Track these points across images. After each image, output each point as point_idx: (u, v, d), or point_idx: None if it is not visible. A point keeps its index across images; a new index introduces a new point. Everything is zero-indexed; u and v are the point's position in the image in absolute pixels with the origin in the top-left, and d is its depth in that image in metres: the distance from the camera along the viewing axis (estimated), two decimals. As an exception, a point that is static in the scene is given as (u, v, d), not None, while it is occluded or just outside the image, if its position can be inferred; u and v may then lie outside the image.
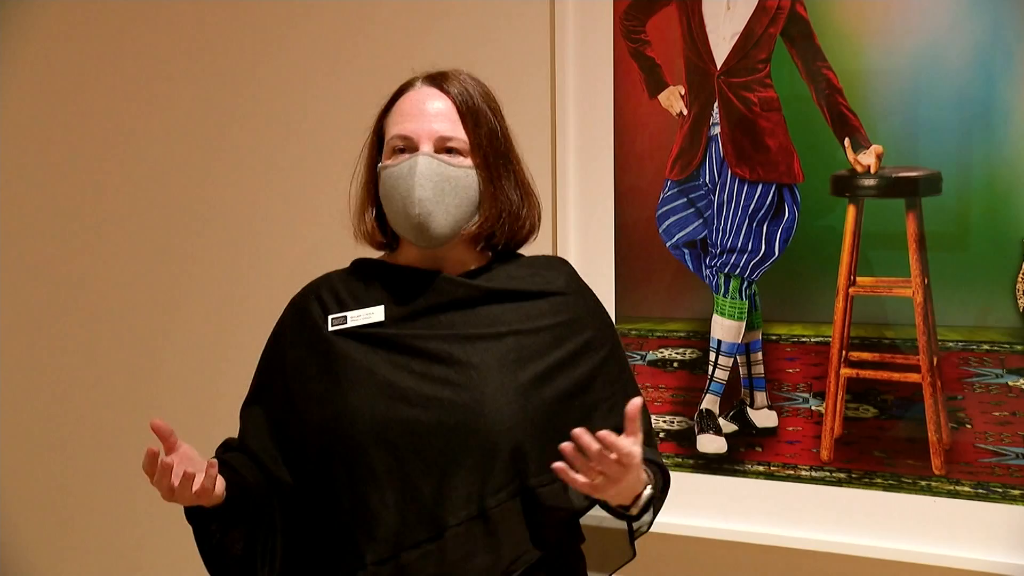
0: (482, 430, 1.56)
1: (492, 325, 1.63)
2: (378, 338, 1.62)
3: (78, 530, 2.81)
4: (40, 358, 2.83)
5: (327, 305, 1.67)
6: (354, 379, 1.60)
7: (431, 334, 1.61)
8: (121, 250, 2.71)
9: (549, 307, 1.67)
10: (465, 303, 1.64)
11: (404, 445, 1.55)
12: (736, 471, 2.08)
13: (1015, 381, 1.88)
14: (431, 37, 2.31)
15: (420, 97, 1.66)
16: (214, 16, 2.55)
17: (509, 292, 1.66)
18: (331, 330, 1.64)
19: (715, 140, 2.06)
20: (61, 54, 2.73)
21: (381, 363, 1.60)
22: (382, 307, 1.64)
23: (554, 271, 1.73)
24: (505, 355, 1.61)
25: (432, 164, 1.60)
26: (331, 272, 1.75)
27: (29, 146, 2.79)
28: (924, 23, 1.90)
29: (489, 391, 1.57)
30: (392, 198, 1.62)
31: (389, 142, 1.64)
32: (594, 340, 1.69)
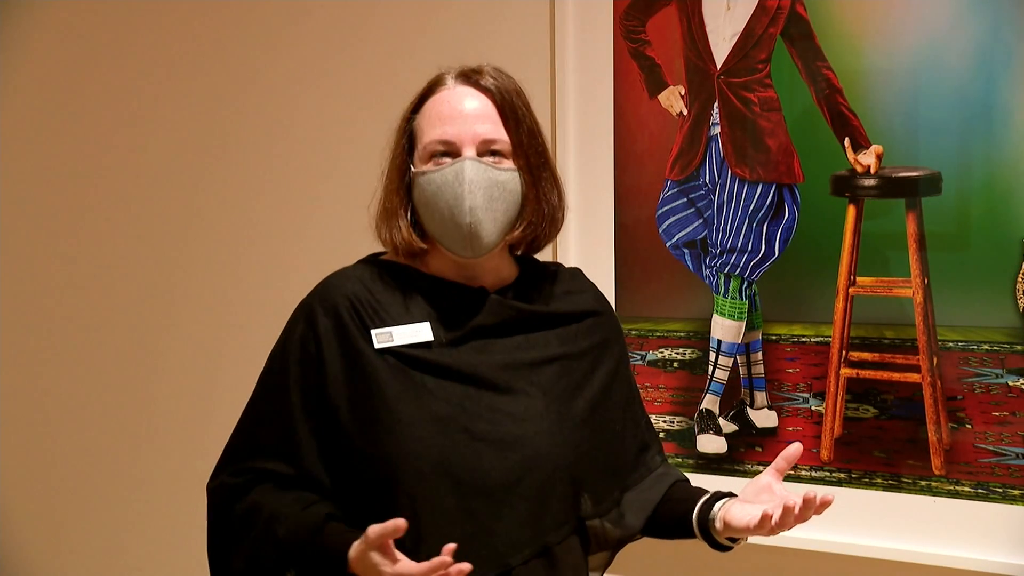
0: (545, 465, 1.50)
1: (538, 350, 1.57)
2: (429, 363, 1.51)
3: (78, 530, 2.81)
4: (40, 358, 2.83)
5: (363, 315, 1.52)
6: (409, 409, 1.48)
7: (485, 361, 1.53)
8: (121, 250, 2.71)
9: (585, 329, 1.62)
10: (510, 327, 1.56)
11: (467, 481, 1.46)
12: (736, 471, 2.08)
13: (1015, 381, 1.88)
14: (431, 37, 2.31)
15: (457, 97, 1.55)
16: (214, 16, 2.55)
17: (551, 316, 1.60)
18: (378, 347, 1.50)
19: (715, 140, 2.06)
20: (61, 54, 2.73)
21: (437, 391, 1.49)
22: (428, 324, 1.53)
23: (581, 285, 1.69)
24: (556, 383, 1.56)
25: (480, 169, 1.50)
26: (348, 270, 1.60)
27: (29, 146, 2.79)
28: (924, 23, 1.90)
29: (547, 424, 1.52)
30: (436, 206, 1.51)
31: (427, 147, 1.53)
32: (622, 360, 1.68)
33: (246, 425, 1.58)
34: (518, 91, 1.59)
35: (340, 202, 2.34)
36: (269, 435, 1.53)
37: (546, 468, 1.50)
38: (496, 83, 1.57)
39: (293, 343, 1.55)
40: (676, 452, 2.12)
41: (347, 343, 1.51)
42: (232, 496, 1.52)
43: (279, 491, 1.50)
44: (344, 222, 2.35)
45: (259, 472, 1.51)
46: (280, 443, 1.51)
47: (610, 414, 1.60)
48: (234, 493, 1.52)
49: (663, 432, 2.13)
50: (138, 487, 2.70)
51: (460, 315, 1.54)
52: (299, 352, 1.53)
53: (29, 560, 2.87)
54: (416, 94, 1.60)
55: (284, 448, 1.51)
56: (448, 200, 1.50)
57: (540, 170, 1.57)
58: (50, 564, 2.85)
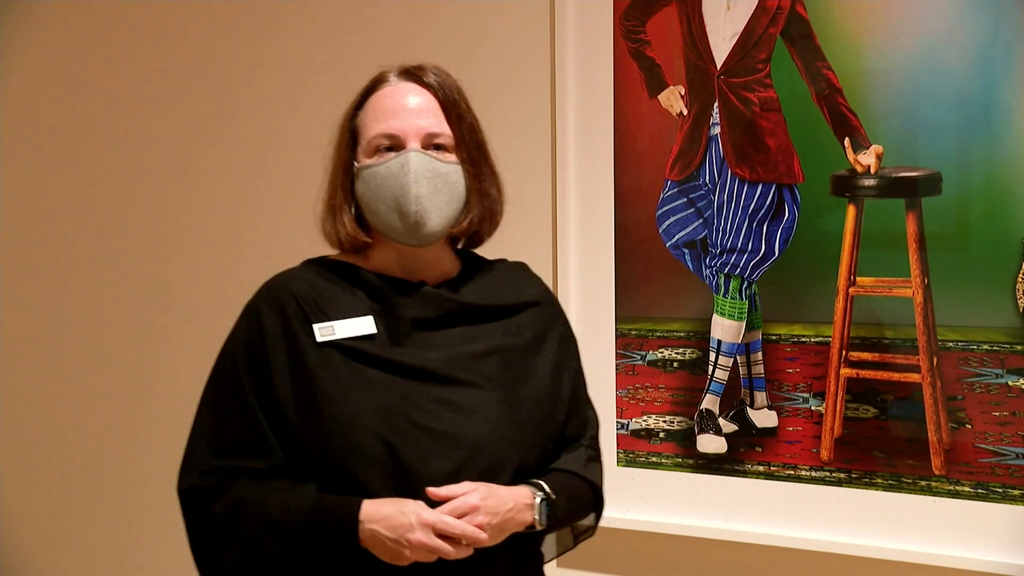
0: (488, 455, 1.53)
1: (480, 342, 1.60)
2: (370, 356, 1.54)
3: (78, 530, 2.81)
4: (40, 358, 2.83)
5: (307, 311, 1.55)
6: (355, 400, 1.51)
7: (427, 353, 1.55)
8: (121, 250, 2.71)
9: (527, 320, 1.65)
10: (452, 319, 1.59)
11: (413, 470, 1.49)
12: (736, 471, 2.08)
13: (1015, 381, 1.88)
14: (431, 37, 2.31)
15: (400, 92, 1.59)
16: (214, 16, 2.55)
17: (493, 308, 1.63)
18: (320, 340, 1.53)
19: (715, 140, 2.06)
20: (61, 54, 2.73)
21: (381, 383, 1.52)
22: (371, 318, 1.56)
23: (524, 277, 1.72)
24: (499, 374, 1.58)
25: (425, 160, 1.55)
26: (292, 270, 1.64)
27: (29, 146, 2.79)
28: (924, 23, 1.90)
29: (493, 414, 1.55)
30: (381, 197, 1.55)
31: (371, 141, 1.56)
32: (566, 349, 1.70)
33: (206, 425, 1.58)
34: (459, 88, 1.63)
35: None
36: (233, 433, 1.54)
37: (490, 458, 1.53)
38: (438, 79, 1.61)
39: (240, 342, 1.58)
40: (676, 452, 2.13)
41: (291, 339, 1.54)
42: (210, 497, 1.53)
43: (258, 484, 1.52)
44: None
45: (232, 470, 1.53)
46: (247, 439, 1.53)
47: (554, 404, 1.63)
48: (211, 494, 1.53)
49: (663, 432, 2.13)
50: (138, 487, 2.70)
51: (403, 309, 1.57)
52: (247, 350, 1.56)
53: (29, 560, 2.87)
54: (358, 92, 1.63)
55: (252, 443, 1.53)
56: (394, 190, 1.54)
57: (481, 164, 1.62)
58: (50, 564, 2.85)
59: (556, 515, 1.57)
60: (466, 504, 1.47)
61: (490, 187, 1.65)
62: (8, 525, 2.89)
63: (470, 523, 1.46)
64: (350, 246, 1.61)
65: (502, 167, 2.26)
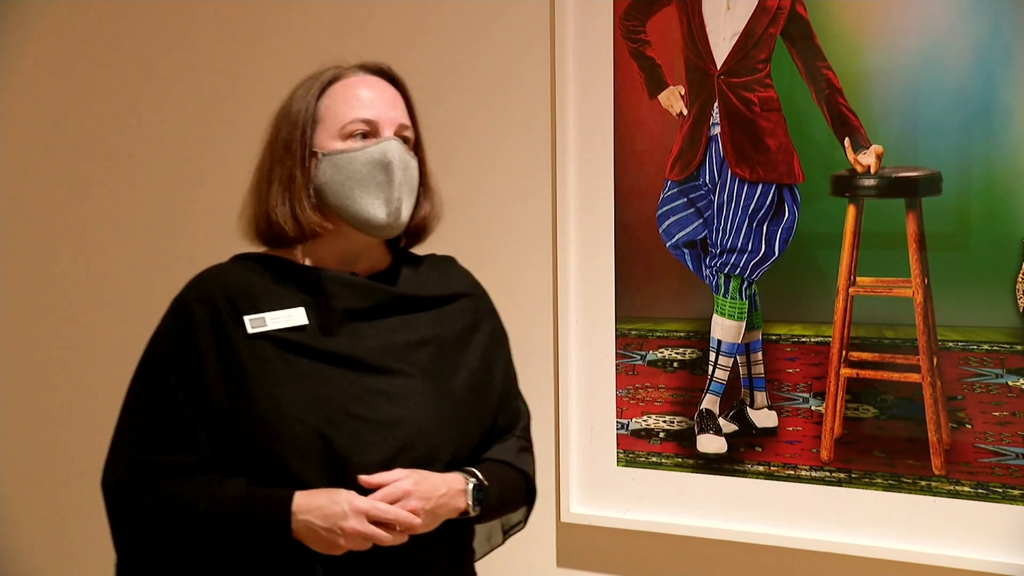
0: (423, 444, 1.53)
1: (412, 332, 1.60)
2: (303, 346, 1.53)
3: (78, 530, 2.81)
4: (40, 358, 2.83)
5: (237, 304, 1.54)
6: (286, 391, 1.50)
7: (360, 343, 1.55)
8: (122, 250, 2.71)
9: (457, 311, 1.67)
10: (384, 310, 1.60)
11: (348, 460, 1.49)
12: (736, 471, 2.08)
13: (1015, 381, 1.88)
14: (431, 37, 2.31)
15: (372, 82, 1.60)
16: (214, 15, 2.55)
17: (424, 299, 1.64)
18: (251, 332, 1.52)
19: (715, 140, 2.06)
20: (61, 54, 2.73)
21: (313, 374, 1.51)
22: (302, 309, 1.55)
23: (453, 271, 1.74)
24: (432, 363, 1.59)
25: (402, 150, 1.56)
26: (220, 265, 1.62)
27: (29, 146, 2.79)
28: (924, 23, 1.90)
29: (427, 403, 1.55)
30: (360, 183, 1.54)
31: (346, 126, 1.55)
32: (496, 340, 1.72)
33: (131, 421, 1.56)
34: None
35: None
36: (160, 428, 1.52)
37: (425, 446, 1.53)
38: (399, 77, 1.64)
39: (168, 336, 1.56)
40: (676, 452, 2.13)
41: (222, 332, 1.53)
42: (137, 492, 1.52)
43: (186, 479, 1.50)
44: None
45: (159, 465, 1.51)
46: (174, 433, 1.51)
47: (486, 394, 1.64)
48: (138, 489, 1.52)
49: (663, 432, 2.13)
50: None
51: (335, 300, 1.57)
52: (174, 345, 1.54)
53: (29, 560, 2.87)
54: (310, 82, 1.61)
55: (179, 438, 1.51)
56: (377, 177, 1.54)
57: (426, 164, 1.65)
58: (50, 564, 2.85)
59: (489, 502, 1.58)
60: (398, 489, 1.47)
61: (433, 187, 1.67)
62: (8, 525, 2.89)
63: (403, 508, 1.46)
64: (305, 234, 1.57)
65: (502, 167, 2.27)
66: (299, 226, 1.56)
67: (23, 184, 2.81)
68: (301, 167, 1.56)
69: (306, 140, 1.57)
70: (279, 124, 1.60)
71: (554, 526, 2.24)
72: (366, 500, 1.45)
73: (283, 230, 1.56)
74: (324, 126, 1.57)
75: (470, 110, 2.28)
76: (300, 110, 1.58)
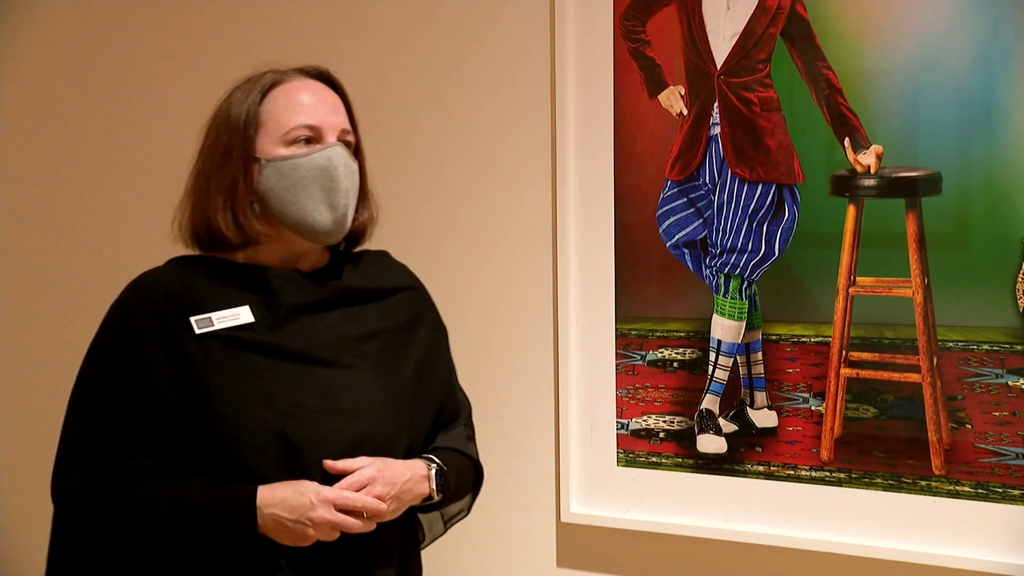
0: (378, 433, 1.54)
1: (359, 325, 1.60)
2: (255, 343, 1.52)
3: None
4: (40, 358, 2.83)
5: (180, 305, 1.53)
6: (237, 389, 1.49)
7: (307, 338, 1.55)
8: (122, 249, 2.71)
9: (400, 303, 1.68)
10: (330, 304, 1.60)
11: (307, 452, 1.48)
12: (736, 471, 2.08)
13: (1015, 381, 1.88)
14: (431, 37, 2.31)
15: (314, 87, 1.59)
16: (214, 15, 2.55)
17: (368, 291, 1.64)
18: (199, 332, 1.50)
19: (715, 140, 2.06)
20: (61, 54, 2.73)
21: (263, 370, 1.50)
22: (248, 308, 1.54)
23: (391, 265, 1.74)
24: (381, 355, 1.60)
25: (346, 156, 1.57)
26: (159, 268, 1.62)
27: (29, 146, 2.79)
28: (924, 23, 1.90)
29: (378, 394, 1.56)
30: (305, 190, 1.53)
31: (289, 132, 1.54)
32: (437, 331, 1.73)
33: (79, 429, 1.53)
34: None
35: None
36: (111, 434, 1.50)
37: (383, 436, 1.54)
38: (339, 82, 1.63)
39: (110, 342, 1.54)
40: (676, 452, 2.13)
41: (168, 334, 1.51)
42: (92, 500, 1.49)
43: (143, 483, 1.48)
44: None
45: (114, 471, 1.49)
46: (126, 439, 1.49)
47: (432, 385, 1.65)
48: (93, 497, 1.49)
49: (663, 432, 2.13)
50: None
51: (281, 296, 1.56)
52: (119, 349, 1.52)
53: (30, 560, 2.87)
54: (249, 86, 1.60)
55: (131, 443, 1.49)
56: (323, 183, 1.53)
57: (366, 169, 1.65)
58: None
59: (449, 487, 1.59)
60: (364, 476, 1.47)
61: (372, 190, 1.68)
62: (8, 525, 2.89)
63: (369, 495, 1.46)
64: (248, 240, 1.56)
65: (502, 167, 2.27)
66: (242, 233, 1.55)
67: (23, 184, 2.81)
68: (243, 173, 1.55)
69: (248, 146, 1.55)
70: (218, 128, 1.58)
71: (554, 526, 2.24)
72: (332, 489, 1.45)
73: (225, 236, 1.56)
74: (266, 132, 1.55)
75: (470, 110, 2.28)
76: (240, 114, 1.56)
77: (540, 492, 2.25)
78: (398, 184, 2.35)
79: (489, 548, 2.32)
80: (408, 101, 2.34)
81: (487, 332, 2.29)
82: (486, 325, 2.29)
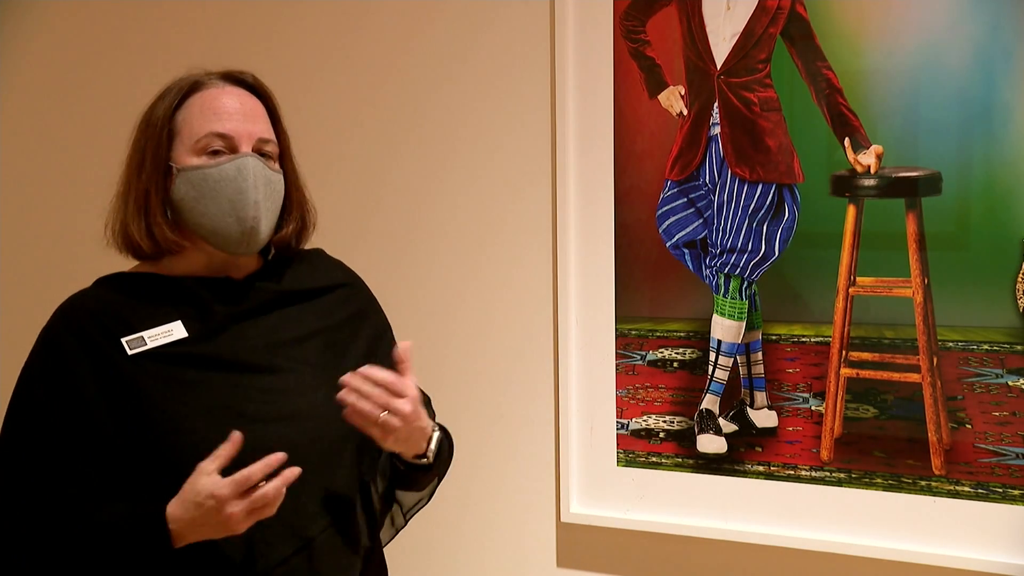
0: (324, 436, 1.51)
1: (298, 327, 1.58)
2: (190, 356, 1.49)
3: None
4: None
5: (109, 327, 1.50)
6: (177, 405, 1.46)
7: (244, 345, 1.52)
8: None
9: (338, 300, 1.66)
10: (265, 308, 1.57)
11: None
12: (736, 471, 2.08)
13: (1015, 381, 1.88)
14: (431, 37, 2.31)
15: (230, 94, 1.55)
16: (214, 15, 2.55)
17: (303, 292, 1.62)
18: (131, 353, 1.47)
19: (715, 140, 2.06)
20: (61, 54, 2.73)
21: (201, 383, 1.48)
22: (180, 323, 1.51)
23: (327, 263, 1.72)
24: (321, 355, 1.57)
25: (260, 166, 1.52)
26: (84, 291, 1.58)
27: (29, 146, 2.79)
28: (924, 23, 1.90)
29: (320, 395, 1.52)
30: (214, 201, 1.49)
31: (201, 140, 1.51)
32: (380, 324, 1.71)
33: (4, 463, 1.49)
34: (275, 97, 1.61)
35: (344, 200, 2.34)
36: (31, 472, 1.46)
37: (330, 437, 1.51)
38: (262, 87, 1.60)
39: (37, 371, 1.51)
40: (676, 452, 2.13)
41: (98, 358, 1.48)
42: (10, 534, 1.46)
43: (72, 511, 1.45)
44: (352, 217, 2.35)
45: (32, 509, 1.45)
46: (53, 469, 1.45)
47: None
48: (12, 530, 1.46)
49: (663, 432, 2.13)
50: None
51: (211, 307, 1.54)
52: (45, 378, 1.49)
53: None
54: (169, 91, 1.58)
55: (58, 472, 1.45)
56: (230, 195, 1.50)
57: (295, 174, 1.62)
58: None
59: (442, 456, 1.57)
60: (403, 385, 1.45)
61: (304, 198, 1.64)
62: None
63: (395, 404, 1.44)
64: (157, 251, 1.55)
65: (502, 167, 2.27)
66: (154, 243, 1.53)
67: (23, 184, 2.80)
68: (156, 182, 1.53)
69: (161, 154, 1.53)
70: (139, 133, 1.57)
71: (554, 526, 2.24)
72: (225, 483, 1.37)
73: (140, 246, 1.54)
74: (181, 139, 1.53)
75: (470, 110, 2.28)
76: (157, 120, 1.55)
77: (540, 492, 2.25)
78: (398, 184, 2.35)
79: (489, 548, 2.32)
80: (408, 101, 2.34)
81: (487, 332, 2.29)
82: (486, 325, 2.29)
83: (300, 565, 1.48)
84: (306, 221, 1.65)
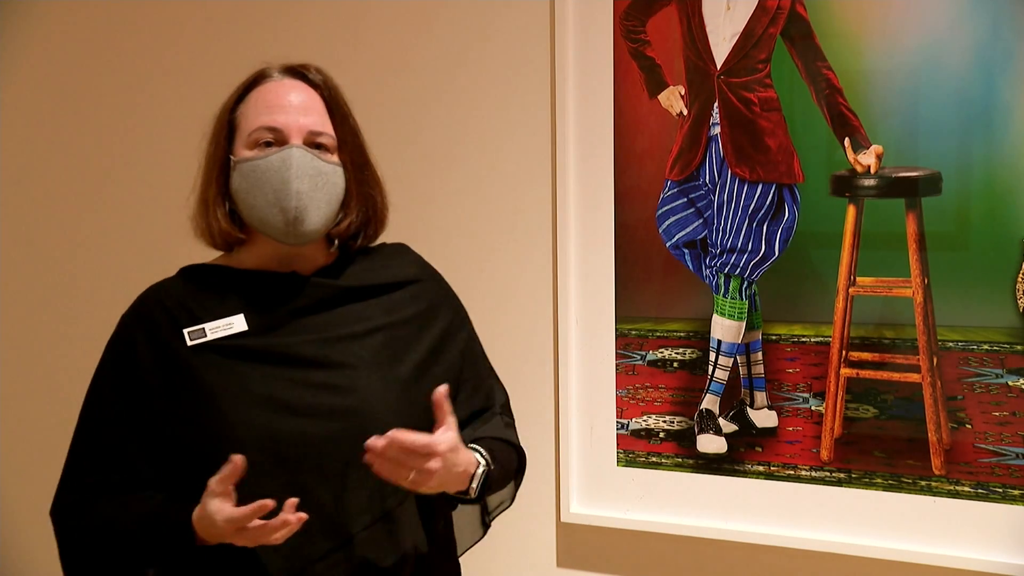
0: (371, 433, 1.48)
1: (360, 323, 1.59)
2: (245, 350, 1.53)
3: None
4: (40, 358, 2.83)
5: (177, 318, 1.55)
6: (230, 397, 1.50)
7: (301, 340, 1.55)
8: (123, 249, 2.71)
9: (408, 296, 1.65)
10: (328, 303, 1.59)
11: (297, 458, 1.47)
12: (736, 471, 2.08)
13: (1015, 381, 1.88)
14: (431, 37, 2.31)
15: (285, 88, 1.57)
16: (214, 15, 2.55)
17: (369, 287, 1.62)
18: (191, 344, 1.52)
19: (715, 140, 2.06)
20: (61, 54, 2.73)
21: (255, 376, 1.51)
22: (242, 316, 1.55)
23: (402, 258, 1.71)
24: (379, 352, 1.58)
25: (307, 158, 1.53)
26: (163, 282, 1.63)
27: (29, 146, 2.79)
28: (924, 23, 1.90)
29: (373, 392, 1.54)
30: (261, 192, 1.53)
31: (252, 134, 1.54)
32: (453, 323, 1.70)
33: (77, 446, 1.58)
34: (340, 90, 1.62)
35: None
36: (100, 450, 1.54)
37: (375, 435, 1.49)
38: (323, 79, 1.61)
39: (110, 360, 1.58)
40: (676, 452, 2.13)
41: (162, 348, 1.54)
42: (73, 515, 1.53)
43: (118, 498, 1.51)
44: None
45: (95, 486, 1.53)
46: (112, 454, 1.53)
47: (440, 377, 1.60)
48: (74, 512, 1.53)
49: (663, 432, 2.13)
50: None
51: (275, 301, 1.57)
52: (115, 367, 1.56)
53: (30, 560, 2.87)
54: (238, 86, 1.61)
55: (117, 458, 1.52)
56: (274, 185, 1.52)
57: (362, 169, 1.62)
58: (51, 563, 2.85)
59: (489, 486, 1.56)
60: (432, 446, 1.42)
61: (372, 191, 1.64)
62: (8, 525, 2.89)
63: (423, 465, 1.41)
64: (223, 242, 1.60)
65: (502, 167, 2.27)
66: (214, 235, 1.59)
67: (23, 184, 2.81)
68: (217, 175, 1.58)
69: (223, 147, 1.57)
70: (210, 128, 1.61)
71: (554, 526, 2.24)
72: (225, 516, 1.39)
73: (206, 238, 1.61)
74: (239, 133, 1.57)
75: (470, 110, 2.28)
76: (219, 117, 1.59)
77: (540, 492, 2.25)
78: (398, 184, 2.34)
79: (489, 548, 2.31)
80: (408, 101, 2.34)
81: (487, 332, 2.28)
82: (486, 325, 2.28)
83: (340, 562, 1.49)
84: (370, 215, 1.64)
